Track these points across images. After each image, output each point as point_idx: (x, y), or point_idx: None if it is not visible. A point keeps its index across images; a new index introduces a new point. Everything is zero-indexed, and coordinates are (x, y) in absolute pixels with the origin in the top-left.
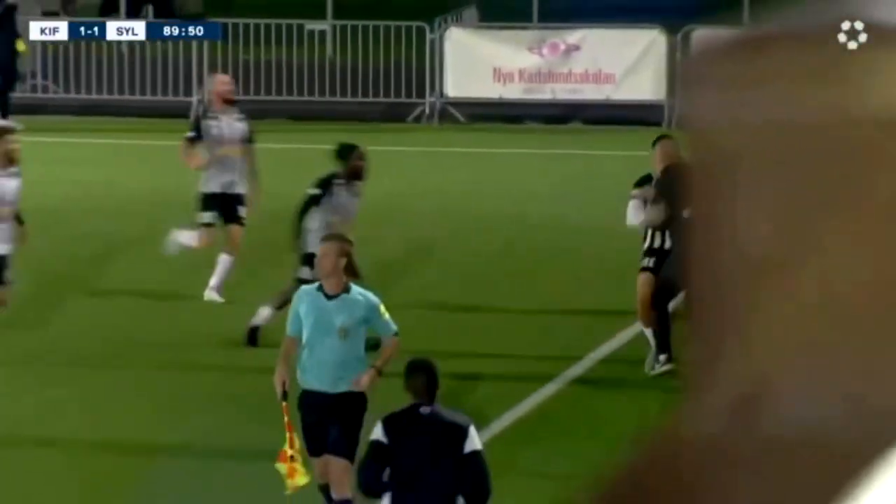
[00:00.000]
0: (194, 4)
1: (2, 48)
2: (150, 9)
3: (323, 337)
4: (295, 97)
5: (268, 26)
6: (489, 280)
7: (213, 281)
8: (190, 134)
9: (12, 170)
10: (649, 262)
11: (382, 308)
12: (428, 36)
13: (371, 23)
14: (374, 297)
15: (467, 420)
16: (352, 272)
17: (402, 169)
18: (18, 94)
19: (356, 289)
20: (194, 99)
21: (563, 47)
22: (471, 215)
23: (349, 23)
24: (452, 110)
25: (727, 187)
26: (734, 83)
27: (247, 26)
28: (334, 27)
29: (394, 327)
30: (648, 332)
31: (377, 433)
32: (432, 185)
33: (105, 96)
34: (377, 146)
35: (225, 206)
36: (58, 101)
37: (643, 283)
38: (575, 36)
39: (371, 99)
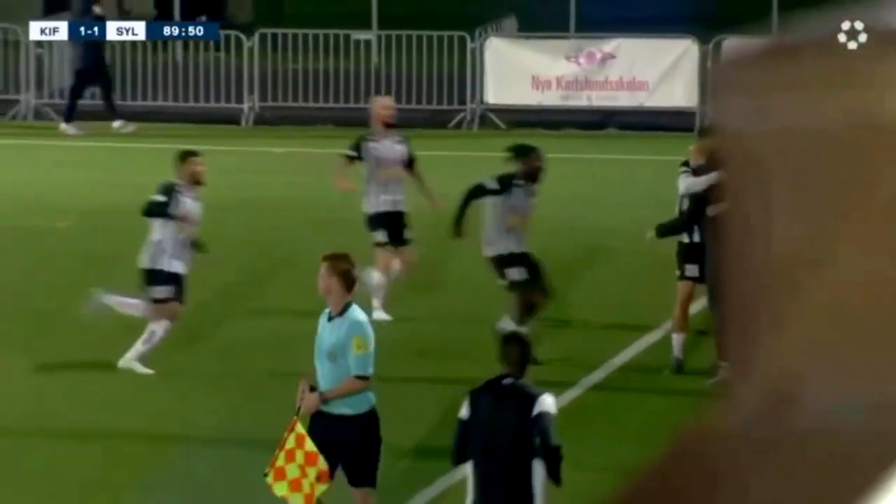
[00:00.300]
0: (245, 14)
1: (95, 55)
2: (204, 18)
3: (321, 359)
4: (341, 104)
5: (316, 36)
6: None
7: (377, 302)
8: (349, 153)
9: (197, 191)
10: (691, 270)
11: (364, 341)
12: (469, 45)
13: (414, 33)
14: (361, 326)
15: (543, 390)
16: (349, 287)
17: (443, 173)
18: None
19: (353, 311)
20: (245, 105)
21: (599, 56)
22: None
23: (393, 33)
24: (492, 117)
25: (755, 189)
26: (762, 90)
27: (296, 36)
28: (379, 37)
29: (366, 370)
30: (676, 338)
31: (463, 409)
32: None
33: (160, 102)
34: (420, 151)
35: (392, 226)
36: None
37: (684, 286)
38: (610, 45)
39: (414, 106)
